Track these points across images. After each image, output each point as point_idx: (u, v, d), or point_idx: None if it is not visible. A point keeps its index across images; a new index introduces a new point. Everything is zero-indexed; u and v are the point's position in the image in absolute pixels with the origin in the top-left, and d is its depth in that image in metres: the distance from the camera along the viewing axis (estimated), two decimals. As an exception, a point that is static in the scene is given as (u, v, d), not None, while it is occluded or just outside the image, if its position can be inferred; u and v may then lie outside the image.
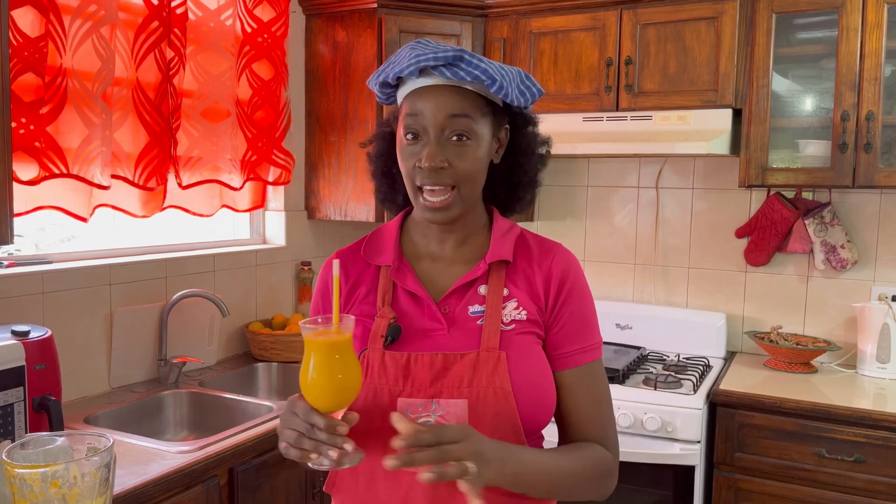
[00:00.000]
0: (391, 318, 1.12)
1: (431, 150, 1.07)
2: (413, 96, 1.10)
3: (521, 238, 1.19)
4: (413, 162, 1.09)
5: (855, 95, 2.32)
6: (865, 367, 2.54)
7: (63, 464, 1.01)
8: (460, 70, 1.06)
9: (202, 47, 2.39)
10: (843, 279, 2.71)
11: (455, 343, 1.10)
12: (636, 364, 2.64)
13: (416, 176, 1.09)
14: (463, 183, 1.09)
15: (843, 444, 2.18)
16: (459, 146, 1.08)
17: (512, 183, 1.20)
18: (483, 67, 1.07)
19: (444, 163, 1.07)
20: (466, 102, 1.08)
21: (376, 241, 1.20)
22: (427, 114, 1.08)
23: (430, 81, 1.09)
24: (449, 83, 1.08)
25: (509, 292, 1.13)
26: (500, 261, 1.14)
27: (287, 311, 2.93)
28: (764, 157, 2.46)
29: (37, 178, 1.90)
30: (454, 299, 1.13)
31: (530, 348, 1.11)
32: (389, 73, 1.11)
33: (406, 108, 1.11)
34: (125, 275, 2.25)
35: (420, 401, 1.06)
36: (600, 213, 3.08)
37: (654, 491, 2.36)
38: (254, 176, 2.65)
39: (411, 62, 1.07)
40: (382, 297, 1.14)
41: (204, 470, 1.71)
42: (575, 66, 2.66)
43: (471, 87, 1.09)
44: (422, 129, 1.09)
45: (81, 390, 2.14)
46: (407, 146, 1.10)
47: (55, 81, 1.91)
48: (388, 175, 1.23)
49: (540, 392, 1.09)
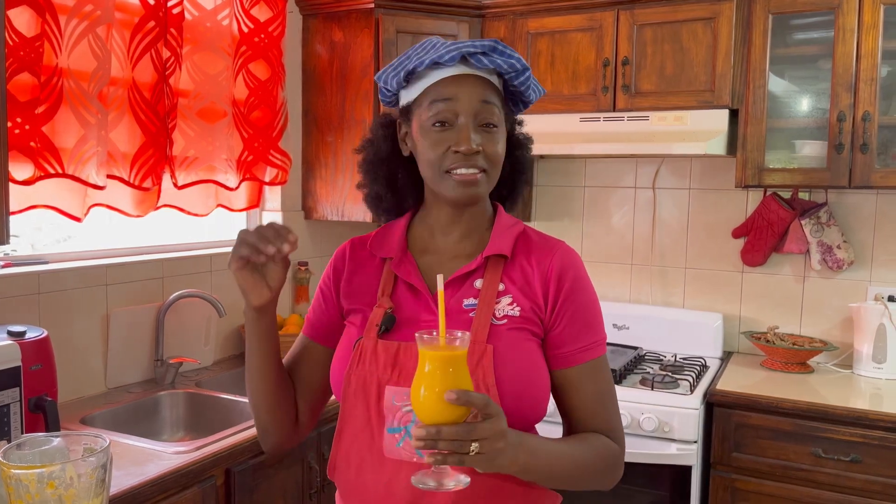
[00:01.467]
0: (388, 308, 1.14)
1: (468, 135, 1.10)
2: (442, 85, 1.12)
3: (524, 235, 1.20)
4: (442, 148, 1.11)
5: (851, 96, 2.33)
6: (862, 367, 2.54)
7: (59, 464, 1.01)
8: (497, 57, 1.11)
9: (198, 47, 2.38)
10: (840, 279, 2.71)
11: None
12: (633, 364, 2.65)
13: (447, 160, 1.12)
14: (492, 167, 1.14)
15: (839, 444, 2.18)
16: (489, 132, 1.13)
17: (513, 178, 1.25)
18: (517, 57, 1.14)
19: (479, 147, 1.11)
20: (492, 91, 1.14)
21: (384, 235, 1.23)
22: (462, 99, 1.11)
23: (459, 70, 1.12)
24: (475, 73, 1.12)
25: (505, 287, 1.14)
26: (498, 255, 1.16)
27: (284, 311, 2.92)
28: (760, 158, 2.47)
29: (32, 177, 1.90)
30: (450, 291, 1.14)
31: (521, 344, 1.11)
32: (425, 60, 1.12)
33: (433, 96, 1.13)
34: (122, 275, 2.25)
35: (406, 389, 1.07)
36: (597, 213, 3.09)
37: (651, 491, 2.36)
38: (250, 176, 2.64)
39: (451, 49, 1.10)
40: (382, 288, 1.17)
41: (200, 470, 1.70)
42: (572, 66, 2.67)
43: (493, 79, 1.14)
44: (453, 116, 1.11)
45: (78, 391, 2.13)
46: (437, 132, 1.12)
47: (51, 81, 1.91)
48: (394, 181, 1.24)
49: (527, 388, 1.09)
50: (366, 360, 1.11)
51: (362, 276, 1.21)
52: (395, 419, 1.08)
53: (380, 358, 1.10)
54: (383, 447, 1.09)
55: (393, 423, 1.08)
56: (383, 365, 1.10)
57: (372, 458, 1.09)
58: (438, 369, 0.93)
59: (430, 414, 0.93)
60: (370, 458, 1.10)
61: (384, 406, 1.09)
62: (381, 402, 1.09)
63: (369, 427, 1.10)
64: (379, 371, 1.10)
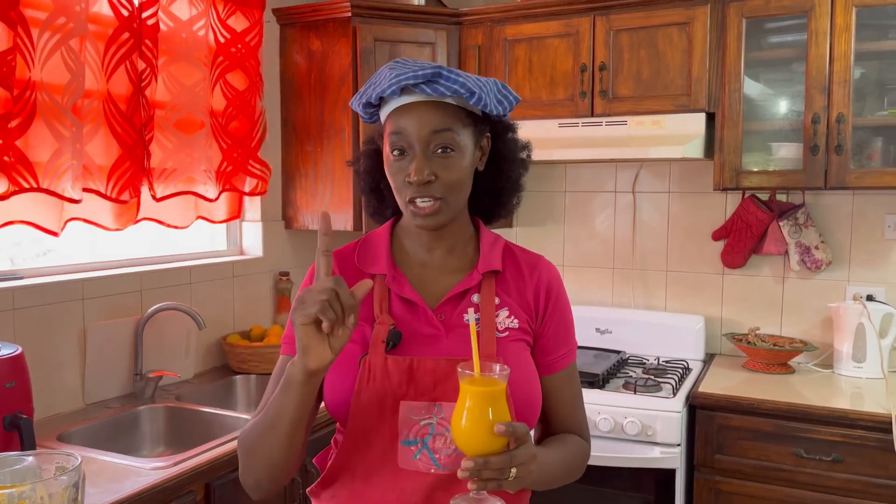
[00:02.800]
0: (391, 325, 1.15)
1: (418, 165, 1.11)
2: (396, 114, 1.14)
3: (508, 249, 1.25)
4: (402, 177, 1.13)
5: (825, 98, 2.35)
6: (842, 366, 2.56)
7: (30, 484, 0.99)
8: (440, 86, 1.10)
9: (174, 58, 2.37)
10: (819, 280, 2.73)
11: (454, 349, 1.14)
12: (616, 368, 2.65)
13: (406, 190, 1.13)
14: (450, 193, 1.14)
15: (820, 444, 2.19)
16: (445, 158, 1.12)
17: (496, 189, 1.25)
18: (461, 81, 1.11)
19: (432, 176, 1.11)
20: (448, 116, 1.12)
21: (368, 250, 1.23)
22: (411, 130, 1.11)
23: (412, 99, 1.12)
24: (430, 99, 1.12)
25: (500, 301, 1.19)
26: (491, 271, 1.20)
27: (265, 322, 2.91)
28: (738, 161, 2.48)
29: (6, 192, 1.87)
30: (449, 306, 1.18)
31: (521, 355, 1.17)
32: (372, 94, 1.14)
33: (390, 127, 1.14)
34: (99, 289, 2.22)
35: (423, 404, 1.11)
36: (578, 218, 3.10)
37: (636, 495, 2.36)
38: (229, 187, 2.63)
39: (392, 82, 1.10)
40: (380, 305, 1.18)
41: (179, 486, 1.68)
42: (549, 72, 2.67)
43: (451, 100, 1.13)
44: (407, 146, 1.12)
45: (55, 407, 2.11)
46: (394, 162, 1.14)
47: (24, 95, 1.89)
48: (377, 191, 1.27)
49: (530, 396, 1.16)
50: (376, 377, 1.11)
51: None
52: (412, 433, 1.11)
53: (391, 374, 1.11)
54: (397, 459, 1.11)
55: (409, 436, 1.11)
56: (397, 381, 1.11)
57: (384, 470, 1.12)
58: (483, 404, 0.99)
59: (475, 446, 0.98)
60: (382, 470, 1.12)
61: (399, 420, 1.11)
62: (394, 417, 1.11)
63: (381, 440, 1.11)
64: (394, 387, 1.11)
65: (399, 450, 1.11)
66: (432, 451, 1.10)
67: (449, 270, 1.21)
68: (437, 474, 1.10)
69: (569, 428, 1.24)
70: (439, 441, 1.10)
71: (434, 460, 1.10)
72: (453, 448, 1.09)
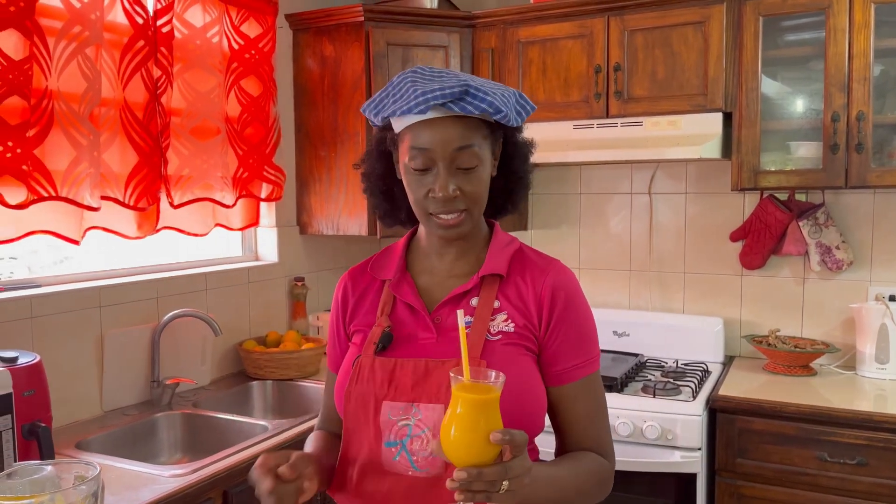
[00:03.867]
0: (386, 327, 1.17)
1: (444, 182, 1.10)
2: (417, 129, 1.11)
3: (520, 252, 1.23)
4: (424, 191, 1.12)
5: (845, 96, 2.32)
6: (865, 368, 2.52)
7: (49, 494, 0.99)
8: (467, 104, 1.08)
9: (189, 65, 2.38)
10: (840, 280, 2.69)
11: (440, 350, 1.14)
12: (634, 371, 2.62)
13: (429, 205, 1.13)
14: (473, 205, 1.14)
15: (844, 448, 2.16)
16: (468, 173, 1.12)
17: (508, 189, 1.25)
18: (489, 100, 1.09)
19: (457, 192, 1.11)
20: (469, 131, 1.11)
21: (384, 258, 1.26)
22: (436, 148, 1.10)
23: (435, 114, 1.10)
24: (454, 115, 1.09)
25: (500, 305, 1.17)
26: (494, 274, 1.18)
27: (281, 328, 2.91)
28: (756, 160, 2.45)
29: (25, 201, 1.88)
30: (446, 310, 1.17)
31: (515, 359, 1.13)
32: (396, 110, 1.11)
33: (410, 141, 1.12)
34: (115, 296, 2.23)
35: (401, 405, 1.11)
36: (594, 220, 3.07)
37: (656, 500, 2.33)
38: (246, 193, 2.63)
39: (419, 99, 1.07)
40: (382, 308, 1.20)
41: (197, 493, 1.68)
42: (564, 74, 2.66)
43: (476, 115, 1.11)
44: (431, 162, 1.11)
45: (73, 415, 2.11)
46: (416, 177, 1.13)
47: (41, 104, 1.90)
48: (390, 194, 1.26)
49: (522, 402, 1.11)
50: (364, 377, 1.14)
51: (366, 300, 1.25)
52: (392, 433, 1.11)
53: (377, 375, 1.13)
54: (381, 461, 1.12)
55: (390, 437, 1.11)
56: (380, 382, 1.13)
57: (372, 471, 1.12)
58: (475, 411, 0.92)
59: (466, 455, 0.92)
60: (370, 471, 1.13)
61: (380, 421, 1.11)
62: (378, 417, 1.12)
63: (368, 441, 1.13)
64: (376, 387, 1.13)
65: (382, 451, 1.11)
66: (410, 453, 1.09)
67: (455, 275, 1.21)
68: (415, 476, 1.09)
69: (585, 445, 1.17)
70: (416, 443, 1.09)
71: (412, 462, 1.09)
72: (430, 451, 1.07)
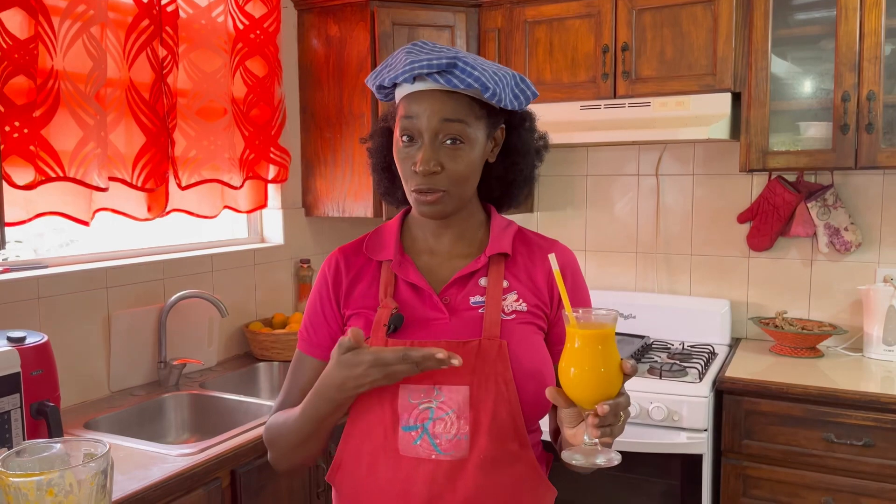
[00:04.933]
0: (393, 308, 1.14)
1: (425, 155, 1.09)
2: (408, 100, 1.12)
3: (520, 233, 1.23)
4: (409, 164, 1.12)
5: (855, 76, 2.29)
6: (872, 349, 2.51)
7: (58, 471, 0.99)
8: (454, 77, 1.08)
9: (195, 45, 2.36)
10: (848, 262, 2.68)
11: (456, 331, 1.12)
12: (640, 353, 2.62)
13: (412, 178, 1.12)
14: (454, 185, 1.12)
15: (851, 429, 2.16)
16: (453, 149, 1.10)
17: (507, 181, 1.22)
18: (476, 75, 1.07)
19: (438, 167, 1.09)
20: (460, 107, 1.10)
21: (378, 238, 1.23)
22: (421, 118, 1.09)
23: (425, 86, 1.10)
24: (444, 88, 1.09)
25: (509, 284, 1.16)
26: (500, 254, 1.17)
27: (287, 309, 2.91)
28: (764, 141, 2.43)
29: (33, 182, 1.88)
30: (454, 290, 1.16)
31: (531, 338, 1.13)
32: (386, 77, 1.12)
33: (402, 111, 1.12)
34: (122, 277, 2.23)
35: (422, 387, 1.08)
36: (600, 202, 3.06)
37: (662, 481, 2.34)
38: (253, 174, 2.62)
39: (405, 69, 1.08)
40: (384, 289, 1.17)
41: (205, 473, 1.69)
42: (571, 54, 2.63)
43: (466, 91, 1.10)
44: (416, 133, 1.10)
45: (81, 395, 2.12)
46: (403, 148, 1.13)
47: (47, 84, 1.89)
48: (388, 170, 1.25)
49: (540, 381, 1.11)
50: None
51: (363, 282, 1.20)
52: (412, 417, 1.08)
53: None
54: (398, 446, 1.08)
55: (409, 421, 1.08)
56: None
57: (386, 457, 1.09)
58: (599, 347, 0.95)
59: (594, 392, 0.95)
60: (384, 457, 1.09)
61: (398, 405, 1.08)
62: (395, 402, 1.09)
63: (382, 426, 1.09)
64: None
65: (400, 435, 1.08)
66: (433, 437, 1.07)
67: (457, 256, 1.20)
68: (438, 460, 1.07)
69: None
70: (440, 426, 1.07)
71: (435, 445, 1.07)
72: (454, 432, 1.07)
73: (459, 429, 1.07)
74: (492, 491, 1.07)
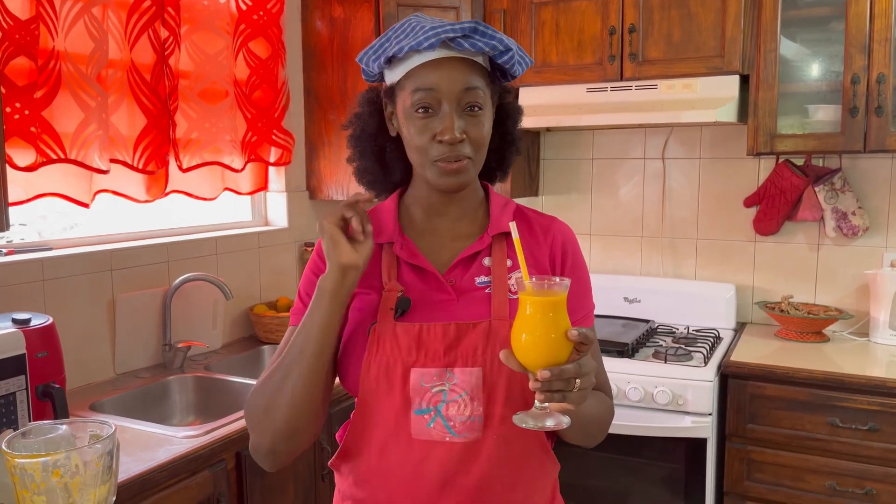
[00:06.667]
0: (399, 291, 1.12)
1: (450, 123, 1.08)
2: (423, 70, 1.09)
3: (519, 212, 1.22)
4: (428, 136, 1.09)
5: (865, 58, 2.27)
6: (878, 334, 2.51)
7: (64, 452, 0.99)
8: (477, 41, 1.07)
9: (197, 26, 2.34)
10: (855, 246, 2.67)
11: (465, 312, 1.11)
12: (645, 337, 2.62)
13: (433, 150, 1.09)
14: (477, 152, 1.12)
15: (856, 413, 2.15)
16: (473, 116, 1.10)
17: (500, 150, 1.23)
18: (498, 38, 1.09)
19: (464, 135, 1.09)
20: (476, 74, 1.10)
21: (375, 220, 1.19)
22: (443, 87, 1.08)
23: (443, 54, 1.08)
24: (460, 55, 1.08)
25: (513, 264, 1.15)
26: (502, 233, 1.17)
27: (291, 292, 2.91)
28: (772, 124, 2.41)
29: (34, 163, 1.87)
30: (459, 271, 1.15)
31: None
32: (403, 47, 1.07)
33: (414, 83, 1.09)
34: (126, 260, 2.23)
35: (434, 370, 1.07)
36: (606, 185, 3.04)
37: (666, 464, 2.34)
38: (255, 157, 2.61)
39: (429, 34, 1.05)
40: (388, 272, 1.15)
41: (211, 454, 1.69)
42: (577, 35, 2.61)
43: (478, 59, 1.10)
44: (436, 103, 1.08)
45: (86, 377, 2.13)
46: (420, 119, 1.09)
47: (48, 65, 1.88)
48: (381, 155, 1.22)
49: None
50: (385, 345, 1.09)
51: None
52: (424, 401, 1.07)
53: (401, 341, 1.09)
54: (410, 430, 1.08)
55: (421, 404, 1.07)
56: (406, 348, 1.08)
57: (398, 441, 1.08)
58: (547, 313, 0.96)
59: (541, 356, 0.96)
60: (395, 442, 1.08)
61: (410, 389, 1.07)
62: (406, 386, 1.08)
63: (394, 410, 1.08)
64: (403, 354, 1.08)
65: (412, 419, 1.07)
66: (446, 419, 1.07)
67: (458, 236, 1.18)
68: (452, 442, 1.06)
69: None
70: (453, 408, 1.06)
71: (448, 428, 1.07)
72: (468, 414, 1.06)
73: (473, 410, 1.06)
74: (504, 470, 1.08)
